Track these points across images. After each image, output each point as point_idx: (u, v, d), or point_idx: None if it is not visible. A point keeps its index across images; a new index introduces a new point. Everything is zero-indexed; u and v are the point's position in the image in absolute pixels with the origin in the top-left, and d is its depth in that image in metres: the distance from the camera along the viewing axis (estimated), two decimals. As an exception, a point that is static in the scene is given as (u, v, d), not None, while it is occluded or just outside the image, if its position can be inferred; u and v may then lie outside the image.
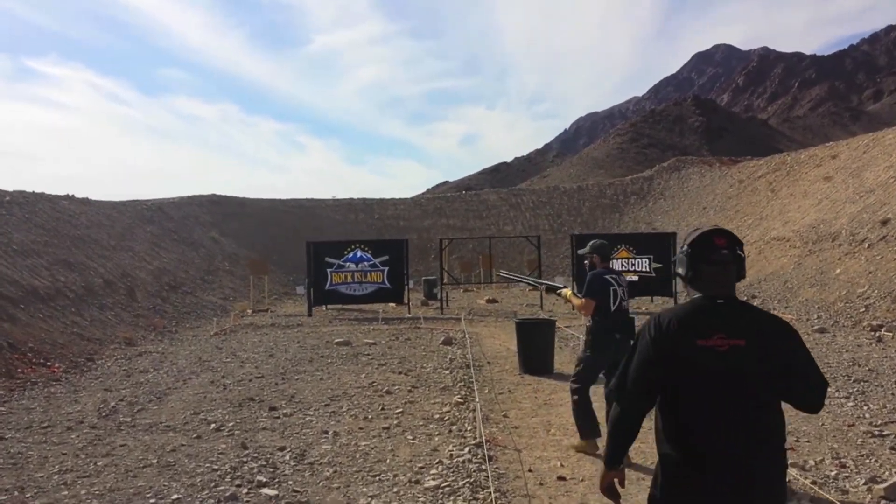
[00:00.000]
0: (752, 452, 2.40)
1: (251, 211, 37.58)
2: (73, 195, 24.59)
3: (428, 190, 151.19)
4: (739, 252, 2.60)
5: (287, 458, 6.28)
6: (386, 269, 20.26)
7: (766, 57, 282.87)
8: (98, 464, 6.28)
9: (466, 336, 14.27)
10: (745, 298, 17.94)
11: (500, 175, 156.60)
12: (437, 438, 6.77)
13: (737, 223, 29.55)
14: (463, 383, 9.47)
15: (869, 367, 9.81)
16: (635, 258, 19.85)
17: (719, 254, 2.57)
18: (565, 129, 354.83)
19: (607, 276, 6.32)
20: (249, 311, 21.14)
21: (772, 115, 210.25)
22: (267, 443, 6.79)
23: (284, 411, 8.09)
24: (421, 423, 7.36)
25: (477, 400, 7.18)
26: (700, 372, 2.45)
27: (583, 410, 6.33)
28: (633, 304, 20.38)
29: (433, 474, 5.70)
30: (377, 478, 5.69)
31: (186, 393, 9.36)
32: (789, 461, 4.90)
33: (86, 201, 24.67)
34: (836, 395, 8.09)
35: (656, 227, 34.95)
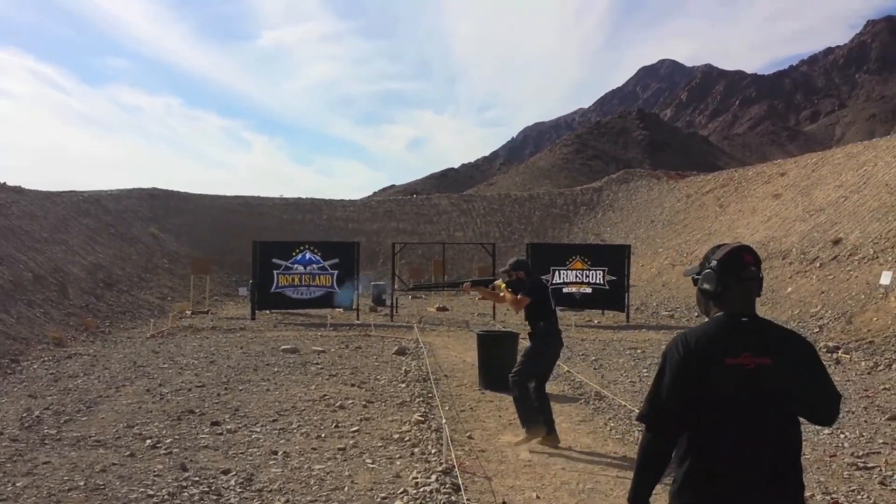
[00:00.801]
0: (776, 469, 2.39)
1: (194, 207, 36.32)
2: (4, 183, 23.23)
3: (375, 193, 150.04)
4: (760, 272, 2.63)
5: (232, 482, 5.65)
6: (336, 272, 19.58)
7: (710, 74, 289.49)
8: (17, 484, 5.56)
9: (421, 346, 13.73)
10: (697, 315, 17.86)
11: (447, 180, 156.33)
12: (398, 462, 6.22)
13: (685, 238, 29.74)
14: (422, 398, 8.92)
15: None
16: (590, 269, 19.60)
17: (749, 270, 2.56)
18: (512, 138, 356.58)
19: (544, 281, 6.97)
20: (188, 313, 20.21)
21: (712, 131, 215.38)
22: (209, 464, 6.14)
23: (228, 427, 7.43)
24: (380, 444, 6.79)
25: (443, 420, 6.65)
26: (726, 390, 2.42)
27: (526, 400, 6.56)
28: (584, 317, 20.18)
29: (398, 506, 5.16)
30: (335, 509, 5.12)
31: (119, 402, 8.60)
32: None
33: (18, 190, 23.33)
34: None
35: (605, 239, 35.03)
